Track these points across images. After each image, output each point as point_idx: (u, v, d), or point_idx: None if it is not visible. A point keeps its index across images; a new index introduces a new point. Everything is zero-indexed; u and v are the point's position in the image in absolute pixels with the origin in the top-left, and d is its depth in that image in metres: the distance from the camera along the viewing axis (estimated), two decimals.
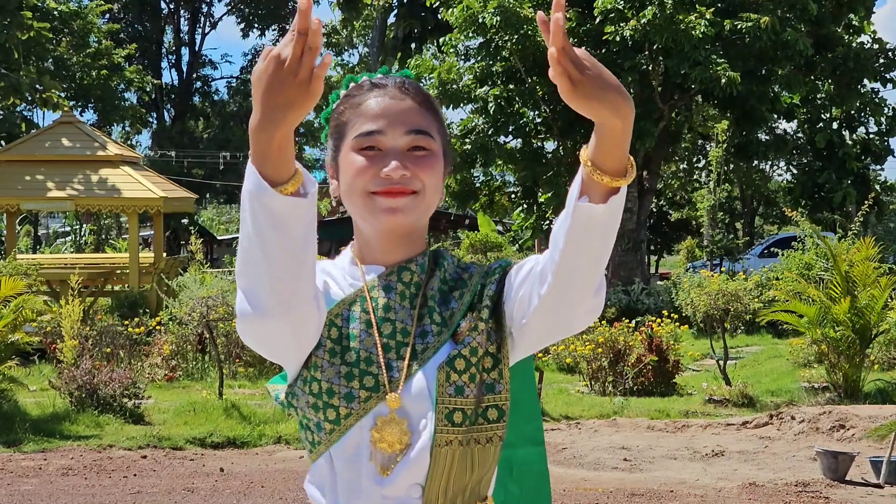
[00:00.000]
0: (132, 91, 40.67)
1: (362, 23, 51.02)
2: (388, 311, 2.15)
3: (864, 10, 27.12)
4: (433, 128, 2.18)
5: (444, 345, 2.13)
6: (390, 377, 2.09)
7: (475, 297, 2.20)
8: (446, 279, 2.23)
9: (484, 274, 2.23)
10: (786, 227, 35.92)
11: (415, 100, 2.19)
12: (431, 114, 2.20)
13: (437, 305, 2.18)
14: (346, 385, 2.08)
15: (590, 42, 23.99)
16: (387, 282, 2.17)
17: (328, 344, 2.11)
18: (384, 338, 2.12)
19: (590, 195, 1.96)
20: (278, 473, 10.25)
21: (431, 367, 2.11)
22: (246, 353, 16.07)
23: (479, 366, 2.12)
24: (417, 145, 2.14)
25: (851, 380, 13.56)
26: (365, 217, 2.15)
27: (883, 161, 28.77)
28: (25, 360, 15.84)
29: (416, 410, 2.08)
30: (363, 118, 2.16)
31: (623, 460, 10.69)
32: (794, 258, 18.23)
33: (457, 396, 2.08)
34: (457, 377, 2.09)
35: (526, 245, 33.25)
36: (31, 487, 9.65)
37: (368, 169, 2.12)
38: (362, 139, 2.14)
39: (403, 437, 2.06)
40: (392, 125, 2.13)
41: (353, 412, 2.07)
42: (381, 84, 2.21)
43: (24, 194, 21.51)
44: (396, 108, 2.16)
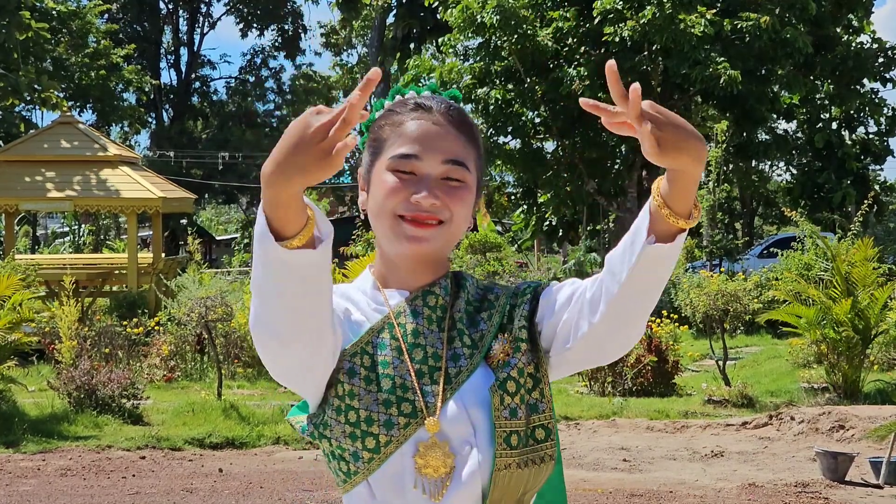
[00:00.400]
0: (131, 91, 40.67)
1: (361, 23, 51.00)
2: (417, 337, 2.13)
3: (864, 10, 27.14)
4: (470, 159, 2.15)
5: (477, 367, 2.13)
6: (426, 402, 2.07)
7: (504, 317, 2.19)
8: (470, 300, 2.22)
9: (512, 294, 2.22)
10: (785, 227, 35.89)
11: (458, 129, 2.15)
12: (471, 144, 2.17)
13: (466, 328, 2.17)
14: (385, 412, 2.05)
15: (589, 43, 24.00)
16: (413, 307, 2.16)
17: (363, 372, 2.08)
18: (416, 363, 2.10)
19: (656, 234, 1.97)
20: (277, 474, 10.23)
21: (468, 390, 2.10)
22: (244, 354, 16.06)
23: (525, 386, 2.12)
24: (452, 176, 2.12)
25: (851, 380, 13.55)
26: (389, 239, 2.13)
27: (882, 161, 28.77)
28: (24, 360, 15.82)
29: (456, 434, 2.07)
30: (402, 139, 2.12)
31: (622, 461, 10.68)
32: (793, 258, 18.21)
33: (511, 419, 2.08)
34: (510, 400, 2.09)
35: (525, 245, 33.24)
36: (29, 488, 9.63)
37: (400, 192, 2.09)
38: (398, 161, 2.10)
39: (447, 461, 2.04)
40: (430, 152, 2.10)
41: (394, 439, 2.05)
42: (426, 106, 2.16)
43: (22, 195, 21.49)
44: (437, 135, 2.12)
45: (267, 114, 57.33)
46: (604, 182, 25.78)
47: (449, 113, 2.16)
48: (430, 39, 39.11)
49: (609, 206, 26.25)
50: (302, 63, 63.51)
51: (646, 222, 1.97)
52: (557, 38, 24.15)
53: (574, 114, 24.84)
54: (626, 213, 25.89)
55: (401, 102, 2.20)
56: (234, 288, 16.25)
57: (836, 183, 27.29)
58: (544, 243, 39.54)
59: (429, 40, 39.31)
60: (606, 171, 26.05)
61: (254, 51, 57.60)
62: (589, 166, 25.38)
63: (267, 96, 56.96)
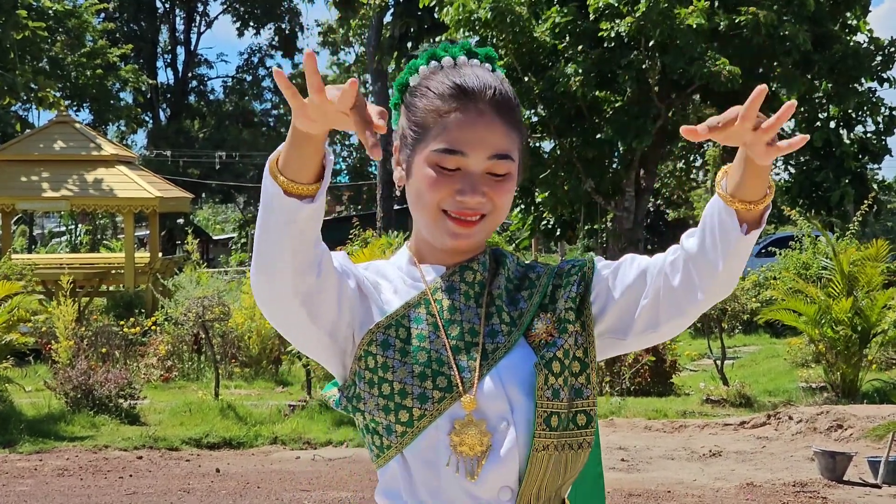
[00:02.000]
0: (127, 90, 40.62)
1: (358, 22, 50.98)
2: (453, 313, 2.10)
3: (861, 9, 27.12)
4: (515, 146, 2.11)
5: (515, 344, 2.10)
6: (462, 378, 2.04)
7: (544, 297, 2.16)
8: (511, 278, 2.19)
9: (554, 274, 2.19)
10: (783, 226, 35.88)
11: (502, 116, 2.10)
12: (515, 130, 2.12)
13: (505, 305, 2.14)
14: (420, 385, 2.03)
15: (585, 40, 23.97)
16: (450, 282, 2.13)
17: (398, 344, 2.06)
18: (452, 339, 2.08)
19: (746, 223, 2.01)
20: (274, 474, 10.22)
21: (505, 366, 2.07)
22: (242, 354, 16.05)
23: (570, 369, 2.09)
24: (497, 171, 2.08)
25: (849, 380, 13.54)
26: (430, 229, 2.11)
27: (881, 160, 28.74)
28: (21, 360, 15.81)
29: (493, 410, 2.04)
30: (447, 132, 2.06)
31: (620, 460, 10.67)
32: (791, 257, 18.20)
33: (553, 400, 2.05)
34: (554, 380, 2.06)
35: (523, 245, 33.23)
36: (26, 488, 9.62)
37: (444, 187, 2.06)
38: (442, 156, 2.06)
39: (484, 439, 2.01)
40: (476, 149, 2.06)
41: (427, 413, 2.02)
42: (469, 91, 2.09)
43: (19, 194, 21.46)
44: (483, 129, 2.07)
45: (264, 113, 57.37)
46: (601, 181, 25.75)
47: (494, 98, 2.10)
48: (427, 38, 39.09)
49: (607, 206, 26.22)
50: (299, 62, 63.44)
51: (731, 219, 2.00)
52: (554, 35, 24.12)
53: (571, 112, 24.81)
54: (624, 213, 25.87)
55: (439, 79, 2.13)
56: (232, 287, 16.25)
57: (834, 182, 27.26)
58: (542, 242, 39.53)
59: (426, 39, 39.29)
60: (604, 170, 26.03)
61: (251, 50, 57.65)
62: (586, 165, 25.35)
63: (264, 95, 56.98)
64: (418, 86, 2.15)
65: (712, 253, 2.02)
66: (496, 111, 2.09)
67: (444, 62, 2.16)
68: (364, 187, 58.68)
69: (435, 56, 2.18)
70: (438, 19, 26.89)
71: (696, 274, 2.06)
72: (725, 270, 2.03)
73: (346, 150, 64.48)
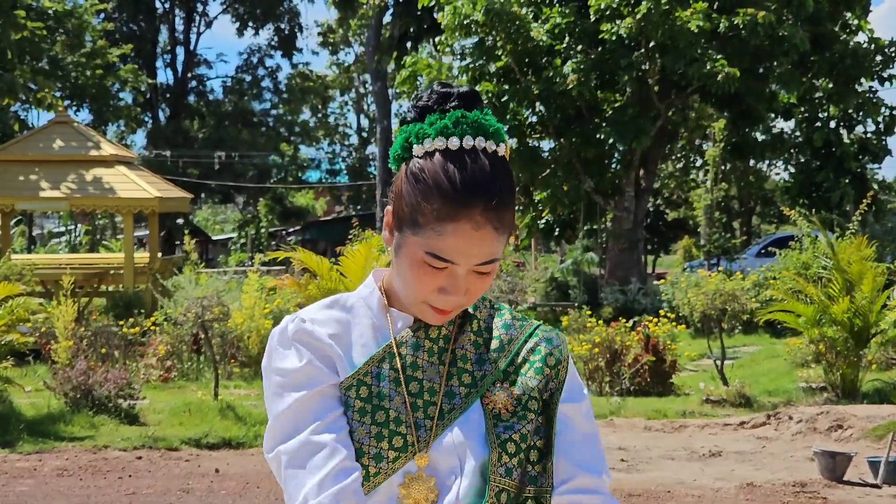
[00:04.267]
0: (127, 90, 40.63)
1: (358, 22, 50.98)
2: (415, 370, 2.11)
3: (861, 9, 27.12)
4: (503, 243, 2.08)
5: (471, 406, 2.11)
6: (418, 437, 2.07)
7: (510, 364, 2.16)
8: (479, 331, 2.19)
9: (524, 341, 2.19)
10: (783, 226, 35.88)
11: (495, 226, 2.04)
12: (506, 231, 2.08)
13: (468, 365, 2.14)
14: (376, 445, 2.06)
15: (586, 41, 23.97)
16: (416, 337, 2.13)
17: (357, 404, 2.08)
18: (412, 397, 2.09)
19: None
20: (273, 474, 10.20)
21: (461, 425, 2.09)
22: (241, 354, 16.04)
23: (525, 454, 2.10)
24: (483, 271, 2.07)
25: (849, 380, 13.53)
26: (411, 303, 2.10)
27: (881, 160, 28.75)
28: (20, 360, 15.80)
29: (444, 468, 2.06)
30: (440, 239, 2.02)
31: (620, 461, 10.66)
32: (791, 257, 18.19)
33: (506, 477, 2.07)
34: (507, 459, 2.07)
35: (523, 244, 33.24)
36: (26, 488, 9.61)
37: (429, 283, 2.05)
38: (433, 259, 2.03)
39: (430, 495, 2.05)
40: (466, 258, 2.04)
41: (382, 471, 2.05)
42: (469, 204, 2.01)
43: (18, 194, 21.46)
44: (475, 244, 2.03)
45: (263, 113, 57.34)
46: (601, 181, 25.76)
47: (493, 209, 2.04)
48: (426, 38, 39.10)
49: (606, 205, 26.23)
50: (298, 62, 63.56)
51: None
52: (554, 35, 24.13)
53: (570, 112, 24.81)
54: (624, 212, 25.88)
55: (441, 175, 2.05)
56: (231, 288, 16.22)
57: (834, 182, 27.27)
58: (541, 242, 39.53)
59: (425, 39, 39.30)
60: (604, 170, 26.03)
61: (250, 50, 57.62)
62: (586, 165, 25.36)
63: (263, 95, 57.00)
64: (422, 169, 2.07)
65: None
66: (491, 222, 2.04)
67: (451, 144, 2.06)
68: (363, 187, 58.69)
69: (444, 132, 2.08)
70: (437, 20, 26.90)
71: None
72: None
73: (345, 150, 64.51)
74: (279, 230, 52.86)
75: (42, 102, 31.06)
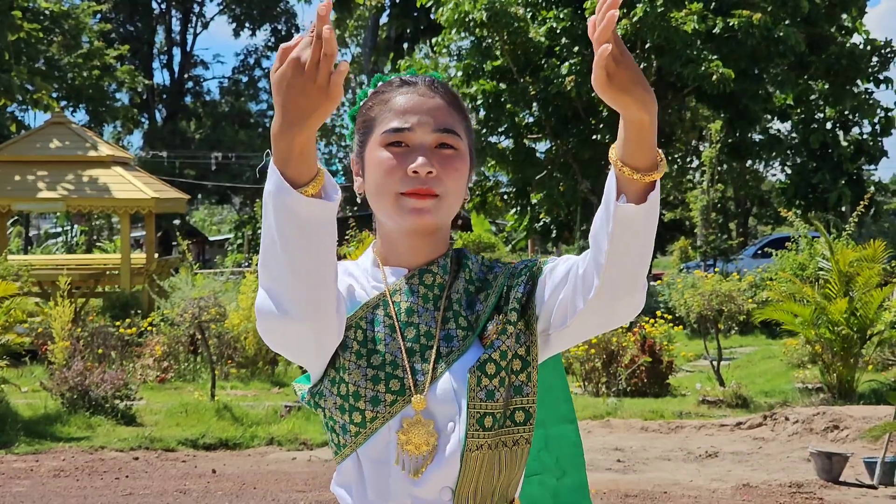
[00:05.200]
0: (124, 91, 40.61)
1: (355, 23, 51.00)
2: (410, 315, 2.14)
3: (857, 10, 27.14)
4: (460, 127, 2.19)
5: (469, 347, 2.13)
6: (415, 380, 2.08)
7: (500, 298, 2.19)
8: (472, 279, 2.23)
9: (509, 274, 2.22)
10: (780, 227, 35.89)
11: (444, 98, 2.19)
12: (459, 113, 2.21)
13: (463, 309, 2.18)
14: (372, 388, 2.07)
15: (582, 42, 23.97)
16: (409, 285, 2.17)
17: (354, 346, 2.10)
18: (408, 342, 2.11)
19: (627, 194, 1.99)
20: (270, 475, 10.21)
21: (458, 369, 2.10)
22: (238, 355, 16.03)
23: (508, 369, 2.11)
24: (445, 143, 2.14)
25: (845, 380, 13.54)
26: (391, 215, 2.14)
27: (877, 161, 28.77)
28: (17, 361, 15.78)
29: (442, 412, 2.08)
30: (392, 114, 2.15)
31: (616, 461, 10.67)
32: (787, 258, 18.20)
33: (487, 401, 2.08)
34: (487, 381, 2.08)
35: (519, 246, 33.24)
36: (22, 489, 9.60)
37: (397, 168, 2.11)
38: (390, 135, 2.13)
39: (430, 439, 2.06)
40: (420, 122, 2.13)
41: (379, 415, 2.06)
42: (411, 81, 2.21)
43: (15, 195, 21.43)
44: (425, 105, 2.16)
45: (260, 114, 57.33)
46: (597, 182, 25.73)
47: (433, 84, 2.21)
48: (423, 39, 39.10)
49: None
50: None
51: (613, 184, 1.99)
52: (550, 36, 24.14)
53: (567, 113, 24.82)
54: None
55: (386, 84, 2.24)
56: (228, 288, 16.22)
57: (830, 183, 27.29)
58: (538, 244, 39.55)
59: (422, 40, 39.29)
60: (600, 170, 26.02)
61: (247, 51, 57.66)
62: (582, 166, 25.37)
63: (260, 96, 57.00)
64: (367, 100, 2.25)
65: (601, 231, 2.02)
66: (437, 93, 2.19)
67: (392, 79, 2.26)
68: None
69: (381, 79, 2.28)
70: (434, 20, 26.91)
71: (592, 257, 2.06)
72: (612, 252, 2.00)
73: (342, 151, 64.51)
74: None
75: (39, 103, 31.02)
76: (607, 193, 1.99)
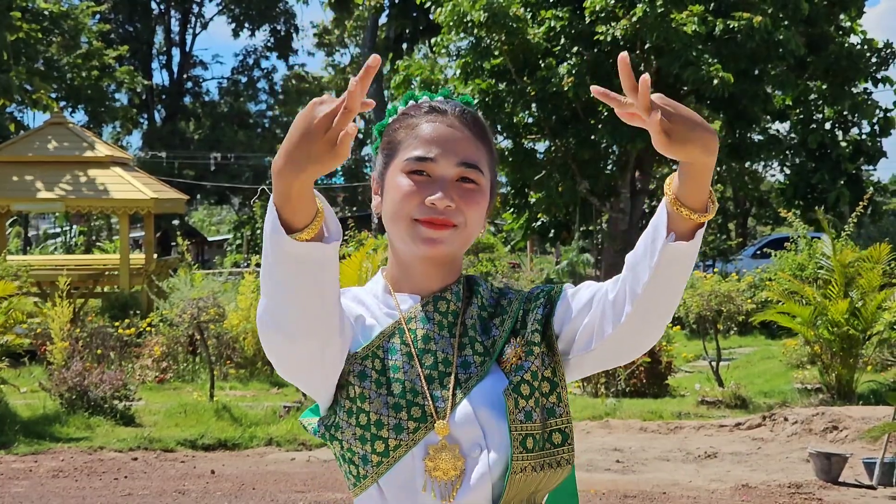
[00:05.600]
0: (123, 92, 40.61)
1: (354, 23, 50.99)
2: (427, 343, 2.13)
3: (856, 11, 27.14)
4: (484, 162, 2.17)
5: (488, 373, 2.13)
6: (436, 407, 2.08)
7: (516, 322, 2.19)
8: (484, 305, 2.22)
9: (525, 299, 2.22)
10: (779, 227, 35.90)
11: (472, 131, 2.17)
12: (485, 147, 2.19)
13: (478, 335, 2.17)
14: (395, 416, 2.06)
15: (581, 43, 23.97)
16: (424, 312, 2.16)
17: (373, 375, 2.09)
18: (426, 369, 2.11)
19: (676, 232, 1.99)
20: (269, 475, 10.21)
21: (477, 394, 2.10)
22: (237, 355, 16.03)
23: (539, 390, 2.12)
24: (467, 177, 2.13)
25: (845, 381, 13.53)
26: (405, 241, 2.13)
27: (876, 162, 28.77)
28: (16, 361, 15.78)
29: (466, 437, 2.07)
30: (417, 141, 2.13)
31: (615, 462, 10.67)
32: (787, 259, 18.20)
33: (527, 422, 2.08)
34: (524, 403, 2.09)
35: (518, 246, 33.24)
36: (21, 489, 9.60)
37: (415, 195, 2.10)
38: (413, 163, 2.12)
39: (457, 463, 2.05)
40: (445, 154, 2.12)
41: (403, 443, 2.05)
42: (441, 109, 2.18)
43: (13, 195, 21.41)
44: (452, 137, 2.14)
45: (259, 114, 57.34)
46: (596, 182, 25.76)
47: (463, 115, 2.18)
48: (422, 40, 39.11)
49: (602, 207, 26.24)
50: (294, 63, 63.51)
51: (664, 220, 1.98)
52: (549, 37, 24.13)
53: (566, 114, 24.80)
54: (619, 214, 25.88)
55: (415, 106, 2.21)
56: (227, 289, 16.22)
57: (829, 184, 27.30)
58: (537, 244, 39.54)
59: (421, 41, 39.30)
60: (599, 171, 26.04)
61: (246, 51, 57.64)
62: (581, 166, 25.36)
63: (259, 97, 56.97)
64: (395, 120, 2.23)
65: (642, 262, 2.02)
66: (466, 126, 2.17)
67: (422, 101, 2.23)
68: (359, 188, 58.67)
69: (412, 97, 2.25)
70: (433, 20, 26.89)
71: (628, 285, 2.06)
72: (651, 285, 2.01)
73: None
74: None
75: (38, 103, 31.02)
76: (656, 228, 1.99)
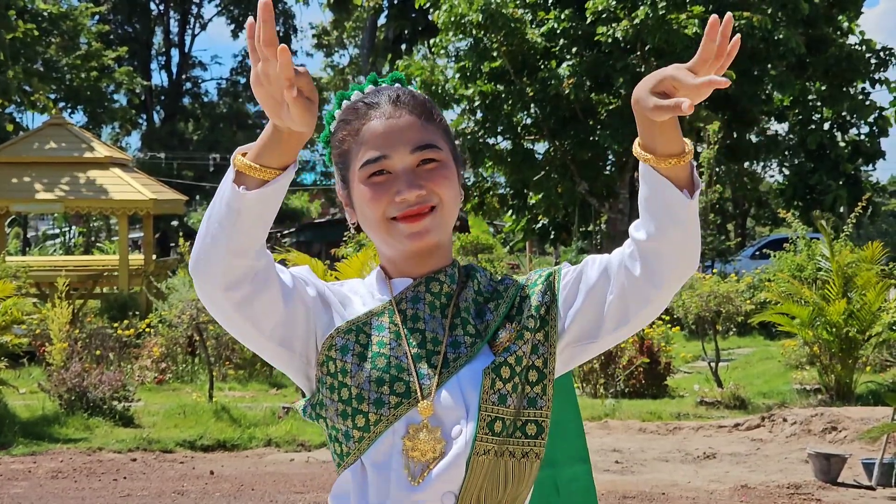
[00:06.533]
0: (122, 93, 40.58)
1: (353, 24, 50.98)
2: (416, 322, 2.11)
3: (854, 11, 27.17)
4: (437, 136, 2.13)
5: (478, 354, 2.10)
6: (421, 385, 2.05)
7: (511, 307, 2.16)
8: (481, 291, 2.19)
9: (522, 285, 2.20)
10: (778, 228, 35.88)
11: (412, 113, 2.12)
12: (432, 122, 2.15)
13: (471, 317, 2.14)
14: (377, 390, 2.03)
15: (582, 43, 23.99)
16: (415, 293, 2.14)
17: (357, 349, 2.07)
18: (413, 348, 2.08)
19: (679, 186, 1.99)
20: (268, 476, 10.21)
21: (465, 375, 2.07)
22: (236, 356, 16.02)
23: (522, 376, 2.08)
24: (426, 158, 2.10)
25: (844, 381, 13.53)
26: (389, 243, 2.12)
27: (874, 162, 28.80)
28: (15, 362, 15.77)
29: (449, 418, 2.04)
30: (365, 146, 2.10)
31: (615, 462, 10.67)
32: (785, 259, 18.19)
33: (499, 405, 2.04)
34: (501, 385, 2.05)
35: (517, 247, 33.24)
36: (20, 490, 9.60)
37: (383, 196, 2.07)
38: (369, 167, 2.09)
39: (437, 446, 2.02)
40: (395, 147, 2.08)
41: (384, 418, 2.02)
42: (374, 103, 2.13)
43: (12, 196, 21.42)
44: (396, 128, 2.09)
45: (258, 115, 57.22)
46: (595, 183, 25.78)
47: (398, 101, 2.14)
48: (421, 40, 39.10)
49: (601, 208, 26.25)
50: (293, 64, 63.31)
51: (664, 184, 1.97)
52: (549, 37, 24.15)
53: (565, 115, 24.82)
54: (618, 215, 25.89)
55: (350, 109, 2.17)
56: None
57: (828, 184, 27.31)
58: (536, 245, 39.52)
59: (420, 41, 39.30)
60: (598, 172, 26.06)
61: (245, 52, 57.51)
62: (580, 167, 25.38)
63: None
64: (335, 127, 2.20)
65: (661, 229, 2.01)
66: (404, 109, 2.13)
67: (353, 97, 2.20)
68: None
69: (344, 97, 2.23)
70: (432, 21, 26.92)
71: (653, 258, 2.04)
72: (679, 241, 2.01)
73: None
74: (274, 232, 52.79)
75: (36, 105, 31.01)
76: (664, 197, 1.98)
